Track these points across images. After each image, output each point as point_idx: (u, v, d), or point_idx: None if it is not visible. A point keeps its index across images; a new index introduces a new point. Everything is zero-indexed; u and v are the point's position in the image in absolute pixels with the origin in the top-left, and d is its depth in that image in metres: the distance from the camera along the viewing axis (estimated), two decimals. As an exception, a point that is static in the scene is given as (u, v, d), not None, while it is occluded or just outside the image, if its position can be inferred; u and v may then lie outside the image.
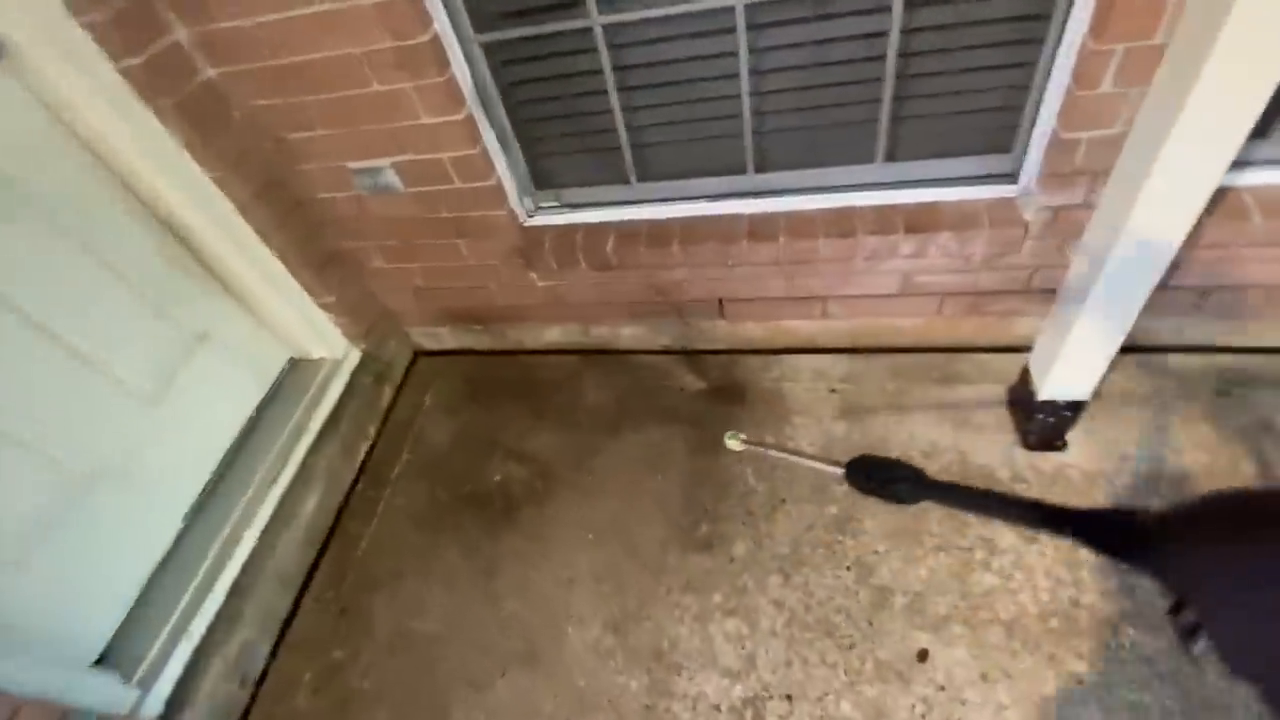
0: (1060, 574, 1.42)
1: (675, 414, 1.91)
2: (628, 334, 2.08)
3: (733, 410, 1.87)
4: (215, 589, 1.64)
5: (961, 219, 1.54)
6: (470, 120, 1.57)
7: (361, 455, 2.05)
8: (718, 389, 1.94)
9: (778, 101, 1.51)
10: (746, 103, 1.51)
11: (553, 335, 2.16)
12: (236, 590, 1.66)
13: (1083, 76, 1.25)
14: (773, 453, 1.74)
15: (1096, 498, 1.51)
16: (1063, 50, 1.29)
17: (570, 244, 1.78)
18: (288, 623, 1.72)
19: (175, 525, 1.68)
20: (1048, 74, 1.34)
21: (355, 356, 2.10)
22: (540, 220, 1.84)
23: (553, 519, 1.77)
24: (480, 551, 1.75)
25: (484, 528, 1.80)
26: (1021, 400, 1.61)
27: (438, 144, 1.60)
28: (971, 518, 1.54)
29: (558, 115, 1.64)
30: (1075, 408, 1.52)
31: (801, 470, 1.70)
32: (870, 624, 1.44)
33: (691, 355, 2.04)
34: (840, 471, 1.64)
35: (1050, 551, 1.46)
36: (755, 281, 1.79)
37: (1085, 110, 1.29)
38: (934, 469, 1.63)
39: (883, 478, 1.60)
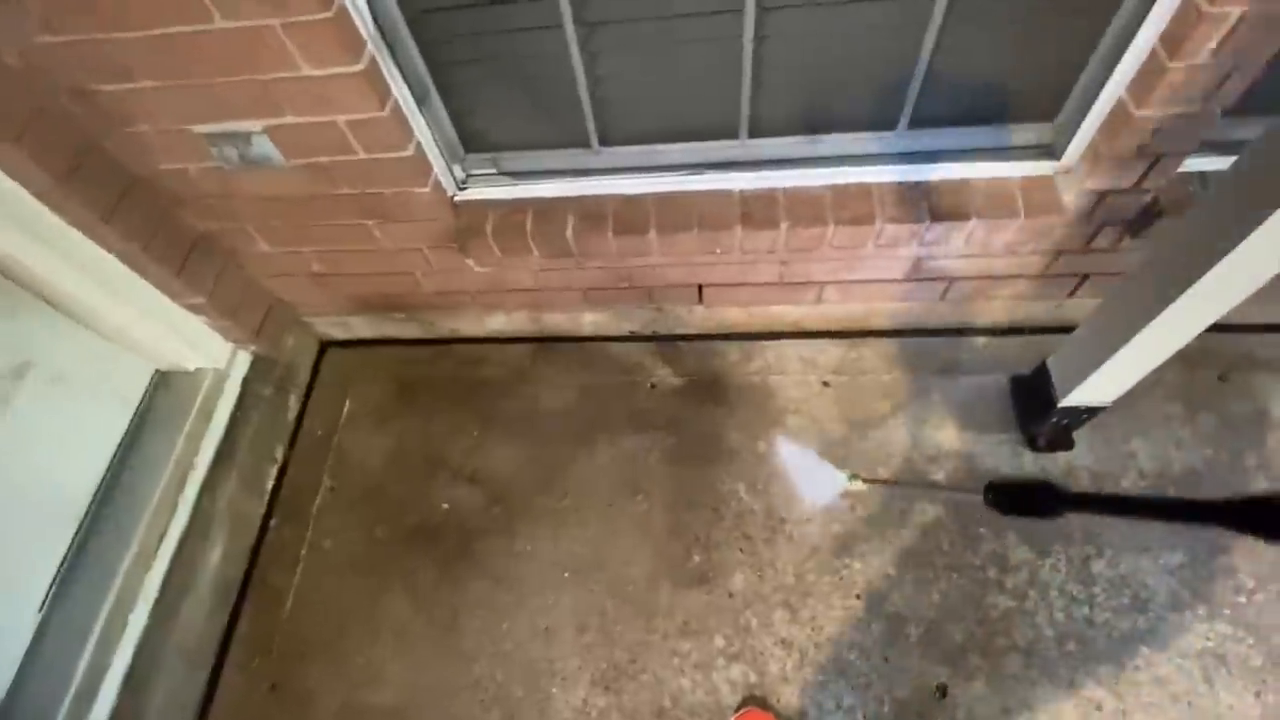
0: (1074, 590, 1.36)
1: (650, 418, 1.66)
2: (588, 320, 1.77)
3: (716, 411, 1.65)
4: (101, 690, 1.31)
5: (993, 201, 1.31)
6: (373, 71, 1.13)
7: (270, 486, 1.69)
8: (696, 384, 1.70)
9: (787, 46, 1.17)
10: (748, 47, 1.16)
11: (496, 323, 1.81)
12: (132, 684, 1.34)
13: (1177, 42, 1.01)
14: (904, 489, 1.50)
15: (1106, 503, 1.43)
16: (1158, 7, 1.02)
17: (518, 227, 1.41)
18: (204, 712, 1.42)
19: (28, 621, 1.30)
20: (1129, 33, 1.07)
21: (244, 362, 1.67)
22: (475, 194, 1.44)
23: (521, 555, 1.53)
24: (437, 600, 1.49)
25: (438, 570, 1.53)
26: (1033, 401, 1.48)
27: (329, 103, 1.15)
28: (983, 531, 1.44)
29: (493, 56, 1.22)
30: (1094, 411, 1.41)
31: (803, 484, 1.53)
32: (885, 660, 1.34)
33: (662, 342, 1.77)
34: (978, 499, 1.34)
35: (1064, 566, 1.39)
36: (745, 268, 1.51)
37: (1171, 84, 1.05)
38: (940, 476, 1.51)
39: (1020, 496, 1.31)
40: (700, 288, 1.60)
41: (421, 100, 1.25)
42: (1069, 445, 1.50)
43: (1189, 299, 1.03)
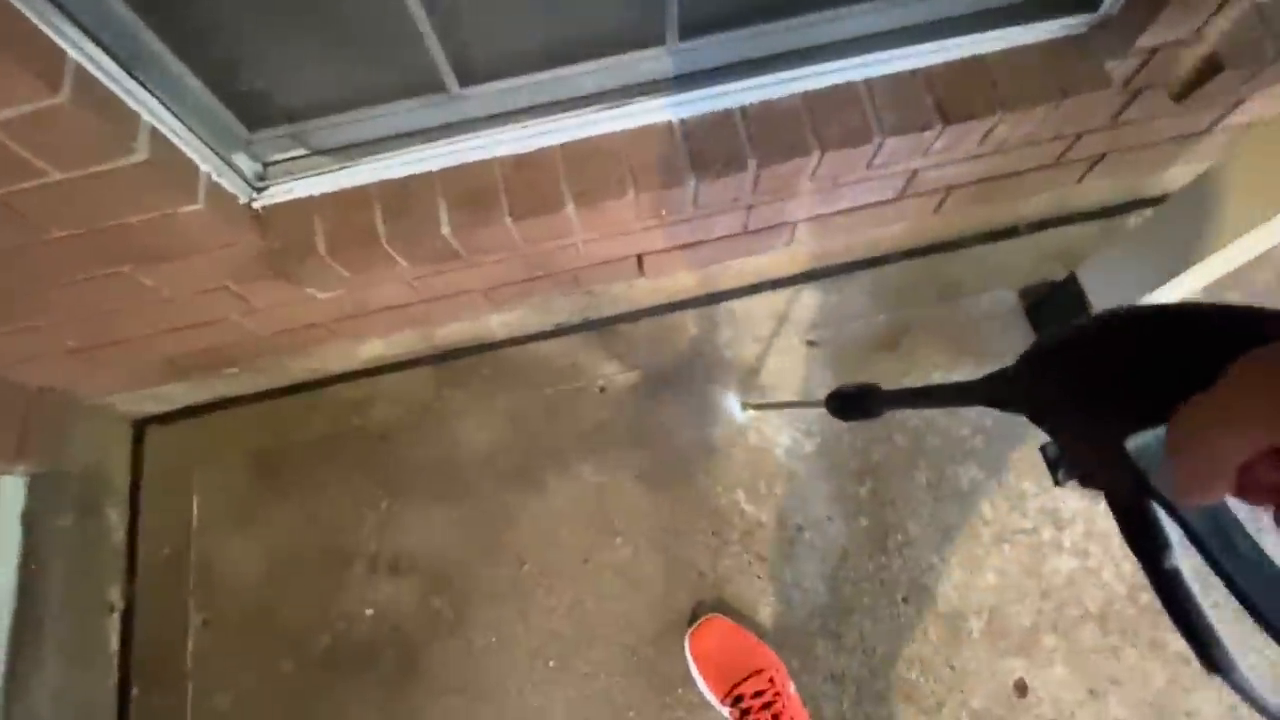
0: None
1: (609, 433, 1.30)
2: (498, 322, 1.33)
3: (687, 406, 1.30)
4: None
5: (1017, 83, 0.96)
6: (27, 33, 0.60)
7: (115, 646, 1.21)
8: (654, 377, 1.33)
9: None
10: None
11: (372, 350, 1.33)
12: None
13: None
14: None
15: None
16: None
17: (365, 231, 0.94)
18: None
19: None
20: None
21: (14, 494, 1.14)
22: (286, 191, 0.94)
23: (486, 652, 1.18)
24: (390, 739, 1.14)
25: (381, 698, 1.16)
26: (1059, 320, 1.23)
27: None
28: (1027, 487, 1.22)
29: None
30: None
31: (816, 473, 1.24)
32: (952, 668, 1.13)
33: (600, 329, 1.38)
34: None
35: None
36: (699, 224, 1.11)
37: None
38: (965, 429, 1.26)
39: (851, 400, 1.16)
40: (640, 257, 1.20)
41: (135, 63, 0.72)
42: (1099, 361, 1.27)
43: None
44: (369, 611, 1.21)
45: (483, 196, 0.94)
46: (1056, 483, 0.44)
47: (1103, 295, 1.13)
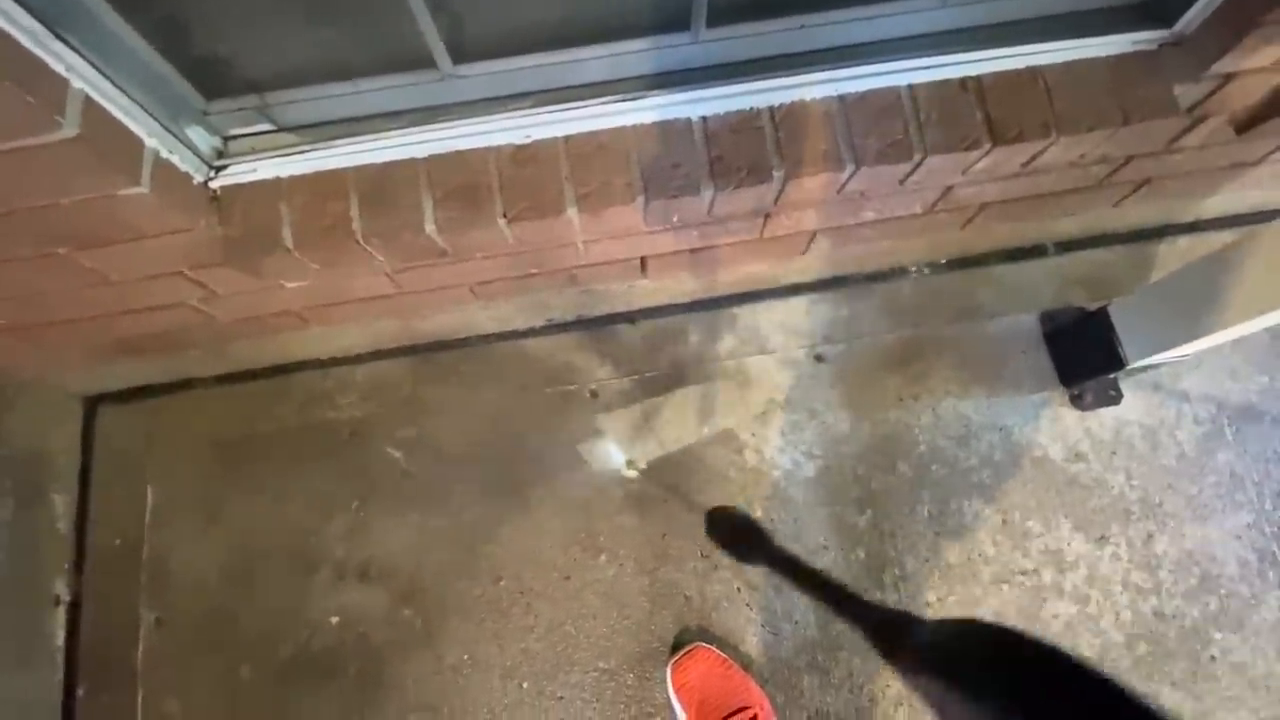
0: (1139, 580, 1.15)
1: (599, 441, 1.22)
2: (486, 317, 1.23)
3: (684, 417, 1.23)
4: None
5: (1074, 101, 0.87)
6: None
7: (60, 643, 1.14)
8: (650, 384, 1.25)
9: None
10: None
11: (348, 339, 1.23)
12: None
13: None
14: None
15: (1164, 461, 1.19)
16: None
17: (337, 222, 0.83)
18: None
19: None
20: None
21: (-57, 478, 1.04)
22: (247, 172, 0.83)
23: (456, 670, 1.12)
24: (351, 755, 1.08)
25: (340, 711, 1.10)
26: (1086, 356, 1.16)
27: None
28: (1031, 525, 1.17)
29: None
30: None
31: (815, 499, 1.18)
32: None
33: (594, 328, 1.28)
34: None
35: (1125, 552, 1.16)
36: (712, 231, 1.02)
37: None
38: (973, 460, 1.20)
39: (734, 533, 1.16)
40: (644, 260, 1.10)
41: (62, 20, 0.60)
42: (1118, 399, 1.21)
43: None
44: (334, 619, 1.14)
45: (474, 192, 0.84)
46: None
47: (1135, 338, 1.06)
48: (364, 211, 0.83)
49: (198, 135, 0.79)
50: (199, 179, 0.81)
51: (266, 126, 0.82)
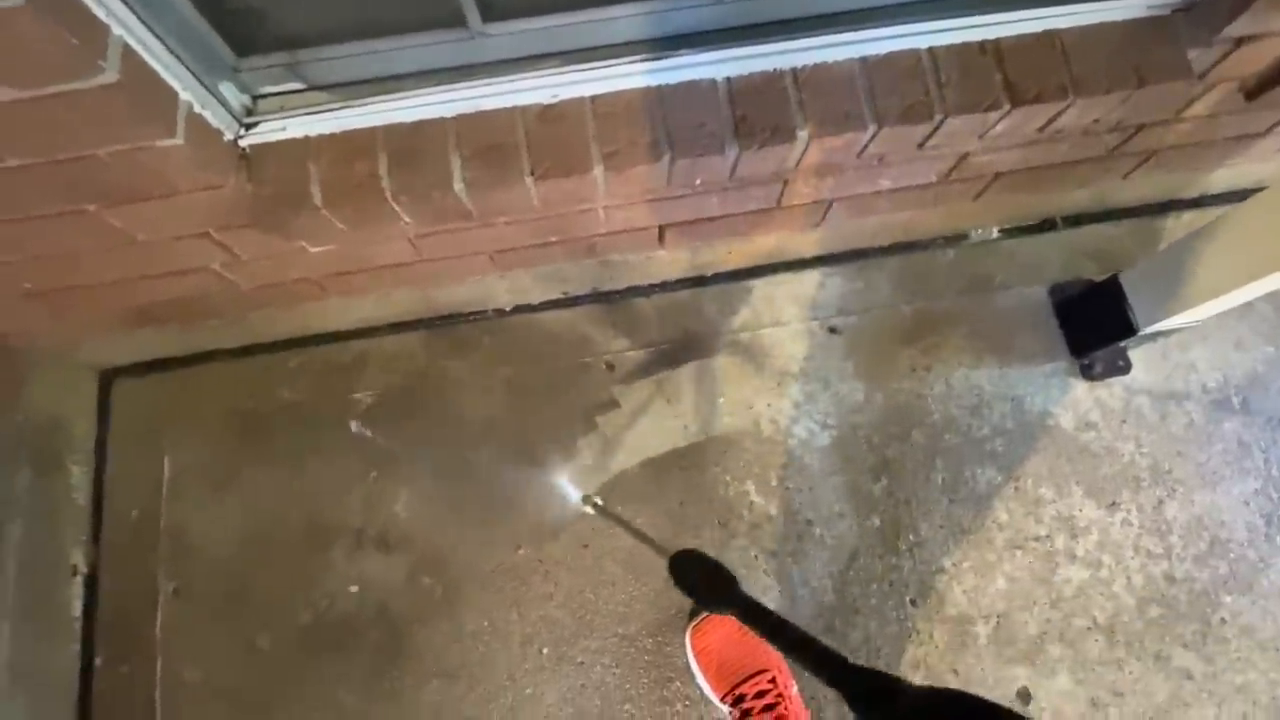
0: (1150, 545, 1.16)
1: (615, 413, 1.23)
2: (503, 289, 1.24)
3: (701, 388, 1.24)
4: None
5: (1089, 62, 0.89)
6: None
7: (78, 611, 1.14)
8: (666, 356, 1.26)
9: None
10: None
11: (364, 310, 1.24)
12: None
13: None
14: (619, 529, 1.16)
15: (1173, 430, 1.21)
16: None
17: (366, 181, 0.84)
18: None
19: None
20: None
21: (-38, 446, 1.04)
22: (277, 129, 0.83)
23: (477, 636, 1.12)
24: (373, 721, 1.09)
25: (365, 680, 1.11)
26: (1096, 324, 1.18)
27: None
28: (1044, 493, 1.18)
29: None
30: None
31: (830, 467, 1.19)
32: (955, 673, 1.11)
33: (611, 302, 1.29)
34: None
35: (1135, 518, 1.18)
36: (732, 197, 1.03)
37: None
38: (985, 429, 1.21)
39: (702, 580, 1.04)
40: (662, 229, 1.11)
41: (106, -40, 0.61)
42: (1127, 368, 1.23)
43: None
44: (353, 588, 1.15)
45: (502, 151, 0.85)
46: None
47: (1145, 303, 1.07)
48: (393, 170, 0.84)
49: (229, 91, 0.79)
50: (229, 136, 0.81)
51: (296, 85, 0.83)
